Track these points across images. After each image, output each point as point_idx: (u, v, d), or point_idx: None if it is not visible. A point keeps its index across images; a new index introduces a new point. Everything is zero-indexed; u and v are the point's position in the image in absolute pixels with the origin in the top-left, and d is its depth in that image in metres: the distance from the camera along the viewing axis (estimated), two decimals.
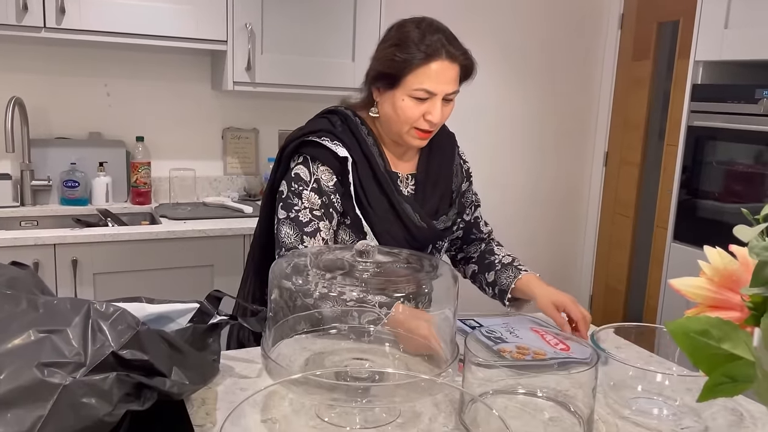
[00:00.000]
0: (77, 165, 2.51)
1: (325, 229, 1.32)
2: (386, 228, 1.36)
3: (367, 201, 1.35)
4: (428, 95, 1.30)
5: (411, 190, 1.44)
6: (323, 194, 1.33)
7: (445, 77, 1.30)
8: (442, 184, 1.46)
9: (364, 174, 1.35)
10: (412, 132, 1.35)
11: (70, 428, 0.72)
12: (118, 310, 0.84)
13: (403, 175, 1.43)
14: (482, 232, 1.59)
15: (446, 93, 1.31)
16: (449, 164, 1.50)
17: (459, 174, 1.52)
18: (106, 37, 2.26)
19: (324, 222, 1.32)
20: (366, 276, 1.00)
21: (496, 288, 1.47)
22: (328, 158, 1.34)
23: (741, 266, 0.69)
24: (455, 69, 1.32)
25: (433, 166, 1.47)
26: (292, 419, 0.95)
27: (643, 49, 3.33)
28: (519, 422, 0.96)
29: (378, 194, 1.36)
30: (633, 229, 3.45)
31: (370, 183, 1.35)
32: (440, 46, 1.29)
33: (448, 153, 1.51)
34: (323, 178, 1.34)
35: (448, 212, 1.46)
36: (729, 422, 1.02)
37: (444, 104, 1.33)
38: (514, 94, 3.39)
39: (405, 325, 1.07)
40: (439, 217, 1.44)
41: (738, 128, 2.33)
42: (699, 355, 0.64)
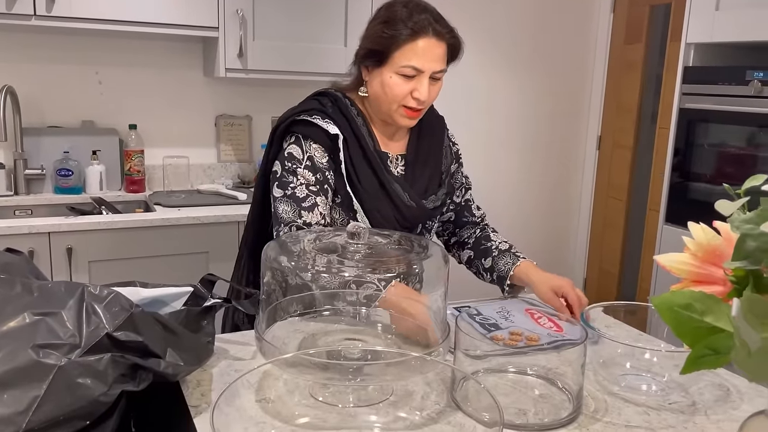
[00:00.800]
0: (70, 153, 2.50)
1: (323, 203, 1.34)
2: (376, 206, 1.36)
3: (358, 179, 1.36)
4: (415, 72, 1.31)
5: (401, 170, 1.45)
6: (317, 171, 1.34)
7: (432, 55, 1.31)
8: (431, 165, 1.48)
9: (355, 152, 1.36)
10: (400, 110, 1.35)
11: (66, 408, 0.73)
12: (112, 293, 0.85)
13: (392, 156, 1.44)
14: (474, 215, 1.59)
15: (433, 71, 1.32)
16: (439, 146, 1.51)
17: (448, 155, 1.53)
18: (96, 24, 2.25)
19: (321, 197, 1.34)
20: (358, 257, 1.01)
21: (494, 274, 1.49)
22: (320, 136, 1.35)
23: (724, 241, 0.70)
24: (442, 47, 1.33)
25: (423, 147, 1.48)
26: (287, 399, 0.96)
27: (635, 33, 3.33)
28: (509, 399, 0.97)
29: (368, 173, 1.37)
30: (626, 212, 3.47)
31: (360, 161, 1.36)
32: (427, 24, 1.30)
33: (437, 135, 1.52)
34: (316, 156, 1.35)
35: (437, 192, 1.47)
36: (716, 397, 1.04)
37: (431, 83, 1.34)
38: (507, 79, 3.39)
39: (399, 306, 1.08)
40: (428, 197, 1.45)
41: (729, 110, 2.34)
42: (683, 329, 0.65)
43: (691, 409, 0.99)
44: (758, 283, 0.63)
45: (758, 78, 2.22)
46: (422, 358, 0.90)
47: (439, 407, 0.96)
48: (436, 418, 0.93)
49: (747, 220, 0.57)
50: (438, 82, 1.36)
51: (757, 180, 0.63)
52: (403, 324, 1.08)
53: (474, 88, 3.28)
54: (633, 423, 0.95)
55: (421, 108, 1.36)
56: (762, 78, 2.22)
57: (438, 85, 1.37)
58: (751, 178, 0.64)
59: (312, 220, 1.32)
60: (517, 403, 0.96)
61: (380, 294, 1.08)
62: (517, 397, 0.99)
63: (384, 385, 0.99)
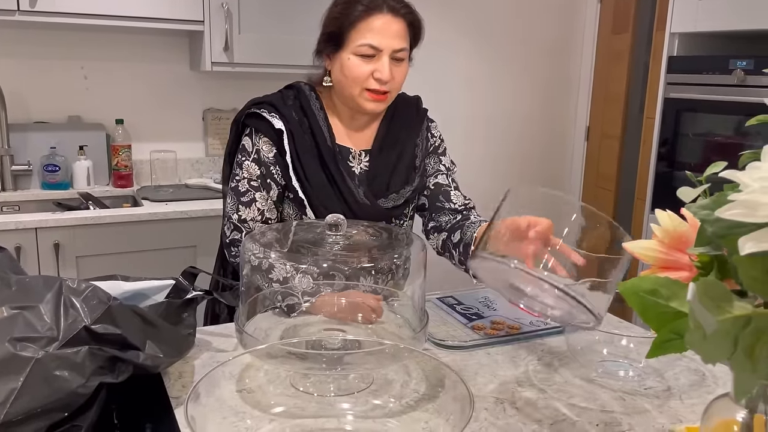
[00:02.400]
0: (57, 149, 2.50)
1: (261, 199, 1.34)
2: (322, 202, 1.34)
3: (304, 174, 1.34)
4: (374, 51, 1.29)
5: (365, 166, 1.41)
6: (262, 165, 1.34)
7: (389, 31, 1.29)
8: (398, 160, 1.42)
9: (303, 147, 1.34)
10: (364, 94, 1.32)
11: (44, 400, 0.74)
12: (90, 287, 0.85)
13: (355, 151, 1.41)
14: (453, 202, 1.46)
15: (393, 49, 1.29)
16: (410, 140, 1.45)
17: (423, 149, 1.48)
18: (81, 19, 2.24)
19: (261, 192, 1.34)
20: (336, 248, 1.02)
21: (461, 245, 1.35)
22: (268, 130, 1.35)
23: (690, 228, 0.71)
24: (399, 24, 1.30)
25: (389, 142, 1.43)
26: (267, 389, 0.98)
27: (622, 22, 3.34)
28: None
29: (317, 168, 1.34)
30: (615, 201, 3.49)
31: (309, 156, 1.34)
32: (381, 1, 1.29)
33: (411, 128, 1.46)
34: (263, 149, 1.34)
35: (400, 189, 1.41)
36: (691, 381, 1.05)
37: (394, 64, 1.31)
38: (495, 69, 3.39)
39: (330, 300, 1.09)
40: (388, 195, 1.40)
41: (714, 99, 2.35)
42: (649, 313, 0.66)
43: (666, 393, 1.01)
44: (722, 268, 0.65)
45: (741, 67, 2.24)
46: (400, 346, 0.91)
47: (417, 395, 0.97)
48: (414, 406, 0.94)
49: (703, 206, 0.58)
50: (402, 64, 1.33)
51: (717, 167, 0.64)
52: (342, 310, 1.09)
53: (461, 78, 3.28)
54: (608, 408, 0.96)
55: (385, 91, 1.32)
56: (745, 67, 2.23)
57: (402, 67, 1.33)
58: (712, 165, 0.66)
59: (248, 216, 1.33)
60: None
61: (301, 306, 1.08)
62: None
63: (364, 374, 1.00)
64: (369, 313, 1.08)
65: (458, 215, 1.46)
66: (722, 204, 0.55)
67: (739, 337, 0.55)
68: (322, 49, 1.36)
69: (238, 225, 1.34)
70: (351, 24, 1.29)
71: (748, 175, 0.54)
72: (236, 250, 1.35)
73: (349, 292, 1.07)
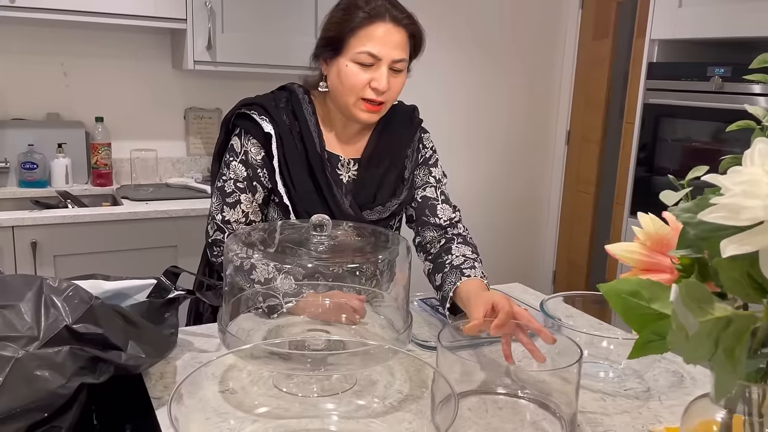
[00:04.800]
0: (35, 146, 2.46)
1: (247, 201, 1.33)
2: (307, 209, 1.31)
3: (291, 179, 1.33)
4: (373, 60, 1.26)
5: (353, 174, 1.39)
6: (249, 167, 1.33)
7: (390, 41, 1.26)
8: (387, 171, 1.40)
9: (291, 152, 1.33)
10: (359, 104, 1.30)
11: (24, 400, 0.73)
12: (72, 286, 0.84)
13: (345, 159, 1.39)
14: (439, 217, 1.42)
15: (393, 59, 1.27)
16: (401, 152, 1.43)
17: (414, 160, 1.45)
18: (62, 15, 2.21)
19: (246, 195, 1.33)
20: (321, 249, 1.02)
21: (440, 294, 1.33)
22: (257, 132, 1.34)
23: (671, 231, 0.72)
24: (401, 34, 1.28)
25: (380, 152, 1.40)
26: (250, 390, 0.97)
27: (603, 28, 3.38)
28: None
29: (304, 174, 1.33)
30: (594, 205, 3.53)
31: (297, 162, 1.33)
32: (384, 9, 1.26)
33: (402, 138, 1.44)
34: (252, 151, 1.33)
35: (386, 202, 1.39)
36: (670, 383, 1.07)
37: (392, 74, 1.28)
38: (476, 75, 3.41)
39: (314, 301, 1.09)
40: (374, 207, 1.38)
41: (691, 105, 2.39)
42: (630, 315, 0.67)
43: (646, 394, 1.02)
44: (703, 271, 0.66)
45: (719, 74, 2.28)
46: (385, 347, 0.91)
47: (401, 396, 0.97)
48: (398, 407, 0.94)
49: (686, 209, 0.59)
50: (400, 75, 1.30)
51: (699, 171, 0.65)
52: (326, 311, 1.09)
53: (443, 84, 3.30)
54: (588, 409, 0.97)
55: (381, 101, 1.30)
56: (723, 74, 2.27)
57: (400, 77, 1.31)
58: (694, 169, 0.67)
59: (232, 218, 1.32)
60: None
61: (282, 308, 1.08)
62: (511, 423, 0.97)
63: (348, 375, 1.00)
64: (352, 314, 1.08)
65: (442, 234, 1.43)
66: (705, 207, 0.56)
67: (719, 338, 0.56)
68: (320, 53, 1.33)
69: (221, 225, 1.33)
70: (351, 30, 1.26)
71: (730, 179, 0.55)
72: (218, 250, 1.34)
73: (332, 293, 1.07)
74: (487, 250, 3.63)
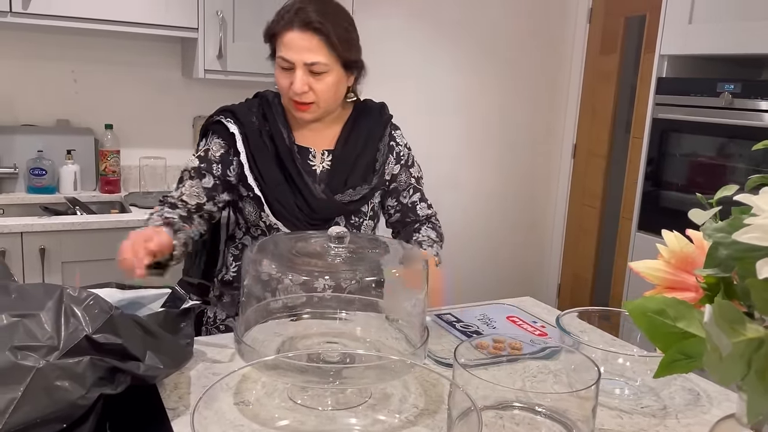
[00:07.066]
0: (44, 153, 2.47)
1: (189, 185, 1.41)
2: (278, 198, 1.40)
3: (260, 172, 1.40)
4: (288, 64, 1.32)
5: (327, 164, 1.46)
6: (204, 161, 1.42)
7: (299, 46, 1.31)
8: (359, 160, 1.47)
9: (258, 148, 1.40)
10: (291, 104, 1.38)
11: (44, 410, 0.73)
12: (92, 295, 0.84)
13: (317, 151, 1.46)
14: (419, 215, 1.56)
15: (304, 62, 1.31)
16: (373, 142, 1.49)
17: (385, 154, 1.51)
18: (73, 23, 2.23)
19: (192, 180, 1.41)
20: (338, 261, 1.02)
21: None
22: (224, 133, 1.42)
23: (696, 249, 0.72)
24: (311, 38, 1.31)
25: (351, 142, 1.47)
26: (265, 402, 0.97)
27: (610, 43, 3.39)
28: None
29: (273, 167, 1.40)
30: (600, 219, 3.52)
31: (265, 156, 1.40)
32: (294, 14, 1.31)
33: (373, 132, 1.50)
34: (213, 149, 1.42)
35: (357, 186, 1.46)
36: (686, 401, 1.06)
37: (315, 77, 1.33)
38: (483, 87, 3.42)
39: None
40: (346, 190, 1.45)
41: (700, 121, 2.39)
42: (656, 333, 0.67)
43: (663, 412, 1.02)
44: (728, 290, 0.66)
45: (729, 90, 2.28)
46: (401, 362, 0.91)
47: (417, 410, 0.97)
48: (414, 421, 0.93)
49: (719, 229, 0.59)
50: (324, 77, 1.34)
51: (729, 190, 0.65)
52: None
53: (451, 97, 3.30)
54: (606, 426, 0.97)
55: (307, 102, 1.35)
56: (732, 90, 2.27)
57: (325, 79, 1.34)
58: (723, 188, 0.67)
59: (172, 194, 1.42)
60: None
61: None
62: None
63: (362, 388, 0.99)
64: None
65: (418, 225, 1.57)
66: (738, 227, 0.55)
67: (752, 360, 0.55)
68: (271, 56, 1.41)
69: (161, 199, 1.44)
70: (273, 36, 1.35)
71: (764, 200, 0.55)
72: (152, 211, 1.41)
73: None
74: (492, 262, 3.64)
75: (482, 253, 3.57)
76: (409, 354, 1.01)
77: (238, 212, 1.48)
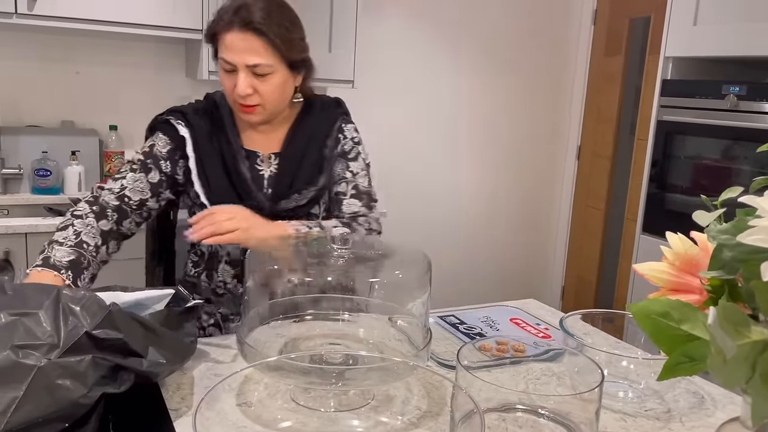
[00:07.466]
0: (49, 153, 2.47)
1: (131, 179, 1.33)
2: (221, 204, 1.31)
3: (206, 177, 1.35)
4: (230, 66, 1.27)
5: (275, 168, 1.40)
6: (150, 156, 1.35)
7: (239, 47, 1.25)
8: (303, 161, 1.41)
9: (207, 153, 1.36)
10: (237, 106, 1.32)
11: (46, 409, 0.73)
12: (88, 294, 0.84)
13: (264, 155, 1.40)
14: (342, 211, 1.42)
15: (246, 64, 1.25)
16: (319, 141, 1.42)
17: (331, 149, 1.44)
18: (78, 24, 2.23)
19: (134, 174, 1.33)
20: (341, 262, 1.02)
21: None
22: (173, 135, 1.37)
23: (701, 251, 0.72)
24: (252, 39, 1.24)
25: (297, 143, 1.41)
26: (267, 403, 0.96)
27: (615, 45, 3.38)
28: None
29: (220, 172, 1.36)
30: (604, 221, 3.51)
31: (213, 161, 1.36)
32: (234, 14, 1.25)
33: (320, 130, 1.43)
34: (159, 144, 1.36)
35: (302, 190, 1.39)
36: (690, 404, 1.06)
37: (258, 78, 1.27)
38: (488, 88, 3.42)
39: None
40: (290, 195, 1.38)
41: (705, 123, 2.38)
42: (660, 336, 0.66)
43: (667, 415, 1.01)
44: (733, 292, 0.65)
45: (734, 92, 2.27)
46: (404, 364, 0.91)
47: (419, 412, 0.96)
48: (417, 423, 0.93)
49: (724, 231, 0.58)
50: (269, 78, 1.28)
51: (733, 192, 0.64)
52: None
53: (456, 98, 3.30)
54: (610, 429, 0.96)
55: (252, 104, 1.30)
56: (737, 93, 2.27)
57: (270, 80, 1.28)
58: (728, 189, 0.66)
59: (107, 186, 1.33)
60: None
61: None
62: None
63: (365, 389, 0.99)
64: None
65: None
66: (743, 229, 0.55)
67: (756, 362, 0.55)
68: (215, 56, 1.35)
69: (95, 189, 1.34)
70: (214, 36, 1.29)
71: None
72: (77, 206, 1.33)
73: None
74: (496, 264, 3.64)
75: (485, 255, 3.56)
76: (412, 356, 1.00)
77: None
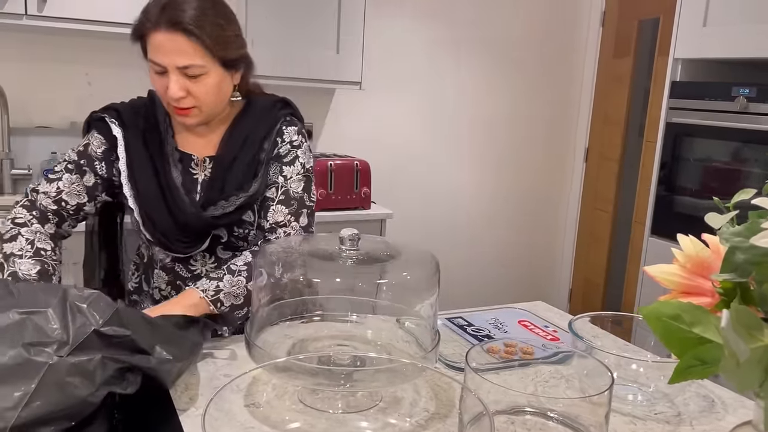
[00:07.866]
0: (58, 154, 2.49)
1: (67, 180, 1.28)
2: (149, 213, 1.28)
3: (135, 180, 1.29)
4: (161, 68, 1.20)
5: (209, 173, 1.33)
6: (84, 157, 1.30)
7: (168, 48, 1.17)
8: (234, 165, 1.31)
9: (138, 155, 1.29)
10: (171, 108, 1.25)
11: (55, 406, 0.73)
12: (94, 293, 0.85)
13: (199, 158, 1.33)
14: (267, 220, 1.33)
15: (176, 66, 1.18)
16: (254, 144, 1.33)
17: (268, 153, 1.34)
18: (88, 25, 2.24)
19: (70, 175, 1.28)
20: (349, 263, 1.02)
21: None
22: (106, 132, 1.31)
23: (712, 254, 0.71)
24: (181, 39, 1.17)
25: (230, 147, 1.32)
26: (275, 404, 0.96)
27: (624, 47, 3.37)
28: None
29: (150, 177, 1.29)
30: (612, 223, 3.50)
31: (142, 162, 1.29)
32: (160, 13, 1.17)
33: (257, 132, 1.34)
34: (93, 144, 1.31)
35: (231, 197, 1.29)
36: (701, 408, 1.05)
37: (192, 80, 1.20)
38: (496, 90, 3.41)
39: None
40: (218, 202, 1.29)
41: (715, 125, 2.37)
42: (671, 339, 0.66)
43: (677, 419, 1.00)
44: (745, 295, 0.65)
45: (744, 94, 2.26)
46: (412, 365, 0.91)
47: (427, 414, 0.96)
48: (425, 425, 0.93)
49: (736, 233, 0.58)
50: (202, 79, 1.20)
51: (746, 194, 0.64)
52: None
53: (463, 99, 3.30)
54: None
55: (186, 107, 1.23)
56: (747, 94, 2.25)
57: (203, 81, 1.20)
58: (740, 192, 0.66)
59: (42, 189, 1.27)
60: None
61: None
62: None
63: (373, 391, 0.99)
64: None
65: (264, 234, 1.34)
66: (756, 232, 0.55)
67: None
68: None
69: (29, 193, 1.29)
70: (141, 38, 1.22)
71: None
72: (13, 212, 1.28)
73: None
74: (503, 266, 3.63)
75: (493, 257, 3.55)
76: (420, 357, 1.00)
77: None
